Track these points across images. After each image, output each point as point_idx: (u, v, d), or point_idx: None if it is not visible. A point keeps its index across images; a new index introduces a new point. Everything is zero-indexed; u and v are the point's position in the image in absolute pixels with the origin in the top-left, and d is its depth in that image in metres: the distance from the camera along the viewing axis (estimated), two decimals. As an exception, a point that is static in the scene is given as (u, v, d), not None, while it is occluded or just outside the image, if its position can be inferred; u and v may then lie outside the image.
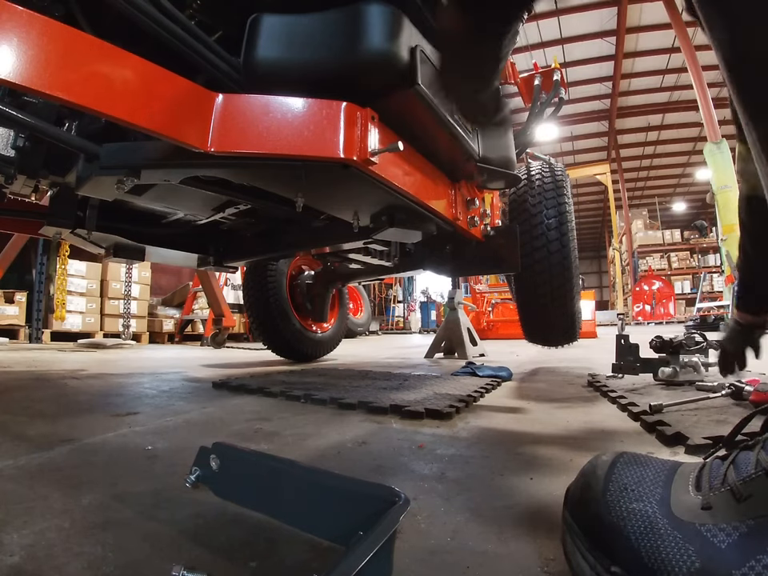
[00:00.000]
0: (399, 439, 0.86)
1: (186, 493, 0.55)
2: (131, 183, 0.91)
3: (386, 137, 0.90)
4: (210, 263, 1.84)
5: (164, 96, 0.72)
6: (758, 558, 0.29)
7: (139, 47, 0.74)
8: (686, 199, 21.06)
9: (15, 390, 1.46)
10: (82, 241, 1.45)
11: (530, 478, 0.64)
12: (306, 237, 1.63)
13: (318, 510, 0.42)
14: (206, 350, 4.10)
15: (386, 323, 11.66)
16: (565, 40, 12.40)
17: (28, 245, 4.46)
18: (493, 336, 6.34)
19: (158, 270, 6.19)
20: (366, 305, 8.30)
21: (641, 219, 17.09)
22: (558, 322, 1.88)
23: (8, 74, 0.56)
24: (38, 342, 4.62)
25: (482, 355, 2.95)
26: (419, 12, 0.94)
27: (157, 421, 1.01)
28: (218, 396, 1.37)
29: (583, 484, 0.40)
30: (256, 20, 0.85)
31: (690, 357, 1.32)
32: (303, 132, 0.81)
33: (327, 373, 1.84)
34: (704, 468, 0.37)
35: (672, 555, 0.32)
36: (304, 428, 0.95)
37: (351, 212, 1.22)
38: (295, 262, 2.58)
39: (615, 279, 17.44)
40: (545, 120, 1.94)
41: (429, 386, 1.43)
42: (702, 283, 12.27)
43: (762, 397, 0.95)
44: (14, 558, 0.42)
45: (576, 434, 0.90)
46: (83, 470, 0.68)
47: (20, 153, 0.98)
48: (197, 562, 0.42)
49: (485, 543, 0.46)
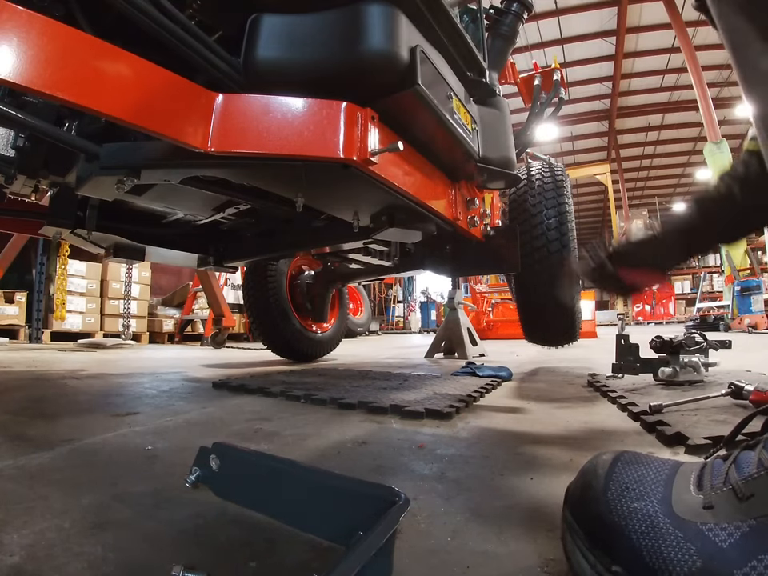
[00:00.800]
0: (399, 439, 0.86)
1: (186, 493, 0.55)
2: (131, 183, 0.91)
3: (385, 137, 0.90)
4: (210, 263, 1.84)
5: (164, 96, 0.72)
6: (760, 557, 0.29)
7: (139, 47, 0.74)
8: (686, 199, 21.06)
9: (15, 390, 1.46)
10: (81, 241, 1.45)
11: (530, 478, 0.64)
12: (306, 237, 1.63)
13: (318, 510, 0.42)
14: (206, 350, 4.10)
15: (385, 323, 11.66)
16: (565, 40, 12.41)
17: (28, 245, 4.46)
18: (493, 336, 6.34)
19: (157, 269, 6.19)
20: (366, 305, 8.30)
21: (641, 219, 17.09)
22: (558, 322, 1.88)
23: (8, 74, 0.56)
24: (38, 342, 4.62)
25: (482, 355, 2.95)
26: (419, 12, 0.94)
27: (157, 421, 1.01)
28: (218, 396, 1.36)
29: (584, 483, 0.40)
30: (256, 20, 0.85)
31: (690, 357, 1.32)
32: (303, 132, 0.81)
33: (327, 373, 1.84)
34: (705, 467, 0.37)
35: (673, 554, 0.32)
36: (304, 428, 0.95)
37: (351, 212, 1.22)
38: (295, 262, 2.58)
39: (615, 279, 17.41)
40: (545, 120, 1.94)
41: (429, 386, 1.43)
42: (701, 283, 12.28)
43: (762, 397, 0.95)
44: (14, 557, 0.42)
45: (576, 434, 0.89)
46: (83, 470, 0.68)
47: (20, 153, 0.98)
48: (197, 561, 0.42)
49: (485, 543, 0.46)
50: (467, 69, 1.19)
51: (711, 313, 9.34)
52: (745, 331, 7.00)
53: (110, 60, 0.67)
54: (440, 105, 0.96)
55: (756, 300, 7.80)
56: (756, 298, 7.82)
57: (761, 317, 7.47)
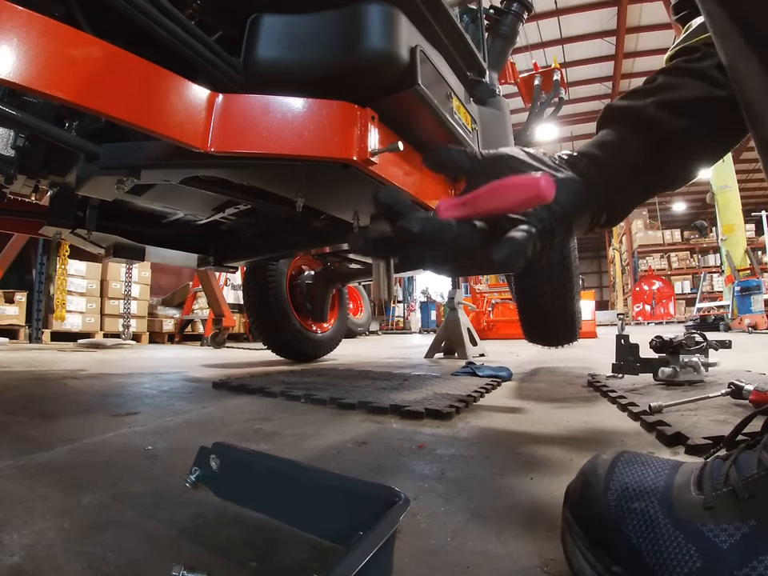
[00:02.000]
0: (399, 439, 0.86)
1: (186, 493, 0.55)
2: (131, 183, 0.91)
3: (385, 137, 0.90)
4: (210, 263, 1.84)
5: (164, 96, 0.72)
6: (760, 558, 0.29)
7: (139, 47, 0.74)
8: (685, 199, 21.05)
9: (15, 390, 1.46)
10: (81, 241, 1.45)
11: (530, 478, 0.64)
12: (305, 237, 1.63)
13: (318, 509, 0.42)
14: (206, 350, 4.10)
15: (385, 323, 11.66)
16: (565, 40, 12.40)
17: (28, 245, 4.46)
18: (493, 336, 6.34)
19: (157, 269, 6.19)
20: (366, 305, 8.30)
21: (641, 219, 17.10)
22: (558, 322, 1.88)
23: (8, 73, 0.56)
24: (38, 342, 4.62)
25: (482, 355, 2.95)
26: (419, 12, 0.94)
27: (157, 421, 1.01)
28: (218, 396, 1.36)
29: (584, 483, 0.40)
30: (256, 20, 0.85)
31: (690, 357, 1.32)
32: (303, 132, 0.81)
33: (327, 373, 1.84)
34: (705, 468, 0.37)
35: (673, 555, 0.32)
36: (304, 428, 0.95)
37: (351, 212, 1.22)
38: (295, 262, 2.58)
39: (615, 279, 17.46)
40: (545, 120, 1.94)
41: (429, 386, 1.43)
42: (701, 283, 12.27)
43: (761, 397, 0.95)
44: (14, 557, 0.42)
45: (576, 434, 0.89)
46: (83, 469, 0.68)
47: (20, 153, 0.98)
48: (197, 561, 0.42)
49: (485, 543, 0.46)
50: (467, 69, 1.19)
51: (711, 313, 9.35)
52: (745, 331, 7.00)
53: (109, 60, 0.67)
54: (440, 105, 0.96)
55: (756, 300, 7.81)
56: (756, 297, 7.82)
57: (761, 317, 7.47)
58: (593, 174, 0.50)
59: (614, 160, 0.51)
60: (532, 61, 2.54)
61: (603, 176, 0.50)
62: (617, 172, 0.51)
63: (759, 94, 0.34)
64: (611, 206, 0.53)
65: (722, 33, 0.35)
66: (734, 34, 0.34)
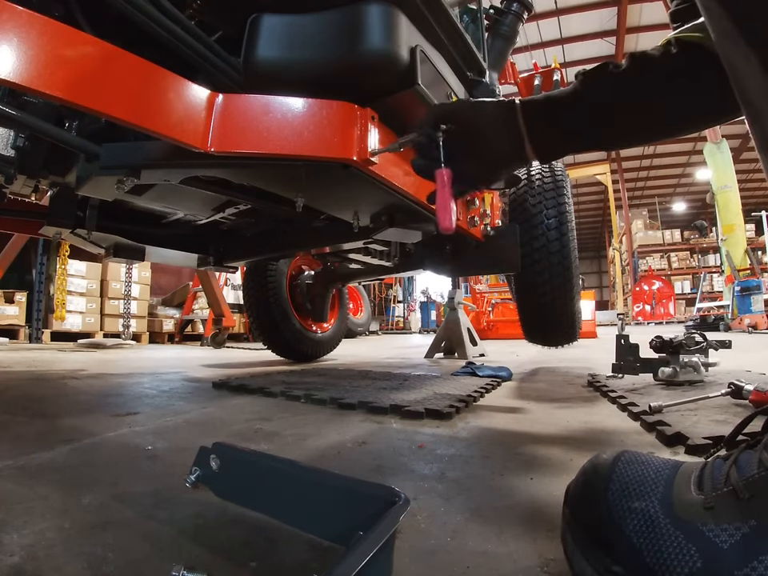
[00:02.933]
0: (399, 439, 0.86)
1: (186, 493, 0.55)
2: (131, 183, 0.91)
3: (386, 137, 0.90)
4: (210, 263, 1.84)
5: (164, 96, 0.72)
6: (761, 558, 0.29)
7: (139, 47, 0.74)
8: (685, 199, 21.05)
9: (15, 390, 1.46)
10: (81, 241, 1.45)
11: (530, 478, 0.64)
12: (305, 237, 1.62)
13: (318, 510, 0.42)
14: (206, 350, 4.10)
15: (385, 323, 11.66)
16: (565, 40, 12.40)
17: (28, 245, 4.46)
18: (493, 336, 6.34)
19: (157, 269, 6.19)
20: (366, 305, 8.30)
21: (641, 219, 17.09)
22: (558, 322, 1.88)
23: (8, 73, 0.56)
24: (38, 342, 4.62)
25: (482, 355, 2.95)
26: (419, 12, 0.94)
27: (157, 421, 1.01)
28: (218, 396, 1.36)
29: (584, 482, 0.40)
30: (256, 20, 0.85)
31: (690, 357, 1.32)
32: (303, 132, 0.80)
33: (327, 373, 1.84)
34: (706, 467, 0.37)
35: (674, 555, 0.32)
36: (304, 428, 0.95)
37: (351, 212, 1.22)
38: (295, 262, 2.58)
39: (615, 279, 17.44)
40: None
41: (429, 386, 1.43)
42: (702, 283, 12.26)
43: (761, 397, 0.95)
44: (14, 557, 0.42)
45: (576, 434, 0.89)
46: (83, 469, 0.68)
47: (20, 153, 0.98)
48: (197, 561, 0.42)
49: (485, 543, 0.46)
50: (467, 69, 1.19)
51: (711, 313, 9.34)
52: (745, 331, 7.00)
53: (109, 60, 0.67)
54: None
55: (756, 300, 7.80)
56: (756, 297, 7.82)
57: (761, 317, 7.47)
58: (526, 101, 0.68)
59: (561, 103, 0.68)
60: (532, 61, 2.54)
61: (543, 107, 0.68)
62: (556, 109, 0.68)
63: (759, 94, 0.34)
64: (538, 137, 0.69)
65: (722, 33, 0.35)
66: (734, 34, 0.34)
